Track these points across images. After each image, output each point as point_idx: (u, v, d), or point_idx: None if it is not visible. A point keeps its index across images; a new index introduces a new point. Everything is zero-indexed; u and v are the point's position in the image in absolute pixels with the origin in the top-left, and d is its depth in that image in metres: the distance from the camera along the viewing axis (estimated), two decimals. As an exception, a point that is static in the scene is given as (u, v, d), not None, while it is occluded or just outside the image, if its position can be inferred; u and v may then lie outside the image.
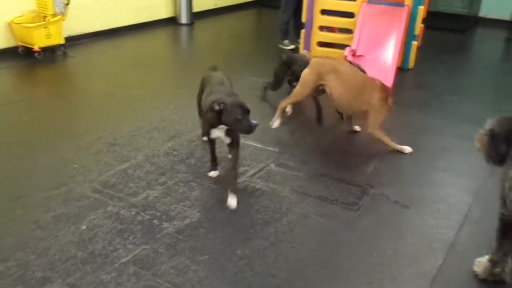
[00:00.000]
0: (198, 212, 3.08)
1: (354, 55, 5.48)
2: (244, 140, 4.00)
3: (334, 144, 4.17)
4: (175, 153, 3.79)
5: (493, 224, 2.49)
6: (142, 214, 3.02)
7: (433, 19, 7.38)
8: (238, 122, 2.96)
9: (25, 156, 3.67)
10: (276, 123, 4.13)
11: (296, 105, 4.50)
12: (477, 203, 3.30)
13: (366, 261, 2.73)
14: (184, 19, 7.83)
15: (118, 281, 2.48)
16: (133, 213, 3.03)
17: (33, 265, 2.56)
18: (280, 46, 6.76)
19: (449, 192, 3.43)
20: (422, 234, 2.98)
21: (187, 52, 7.33)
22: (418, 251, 2.82)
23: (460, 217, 3.14)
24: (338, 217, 3.11)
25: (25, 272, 2.50)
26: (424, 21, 6.26)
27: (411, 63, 6.01)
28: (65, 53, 6.04)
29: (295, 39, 6.68)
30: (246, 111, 2.98)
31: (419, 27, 5.88)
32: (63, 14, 5.83)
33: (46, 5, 5.76)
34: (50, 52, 5.95)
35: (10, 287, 2.41)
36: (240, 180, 3.43)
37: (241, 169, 3.55)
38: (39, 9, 5.87)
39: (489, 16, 8.42)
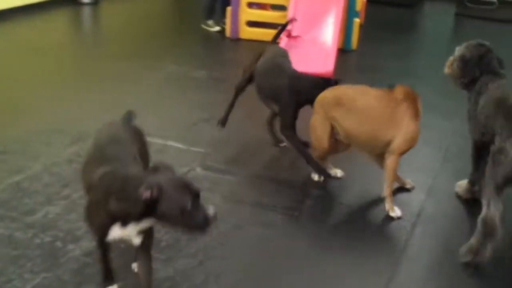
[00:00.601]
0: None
1: (289, 36, 5.60)
2: (163, 141, 4.00)
3: (269, 141, 4.22)
4: (79, 159, 3.66)
5: (447, 221, 2.67)
6: (41, 235, 2.94)
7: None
8: (186, 215, 2.08)
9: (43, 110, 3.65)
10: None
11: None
12: (430, 199, 3.48)
13: (312, 274, 2.80)
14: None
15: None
16: (29, 235, 2.94)
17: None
18: (204, 27, 6.84)
19: (400, 189, 3.58)
20: (373, 240, 3.10)
21: (90, 38, 7.22)
22: (370, 259, 2.92)
23: (413, 216, 3.29)
24: (276, 225, 3.16)
25: None
26: (367, -5, 6.53)
27: (354, 43, 6.23)
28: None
29: (221, 19, 6.77)
30: (196, 196, 2.11)
31: (361, 1, 6.09)
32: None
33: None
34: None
35: None
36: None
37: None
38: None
39: (436, -10, 8.85)
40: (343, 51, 6.06)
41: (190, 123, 4.19)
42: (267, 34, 6.16)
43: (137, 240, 2.27)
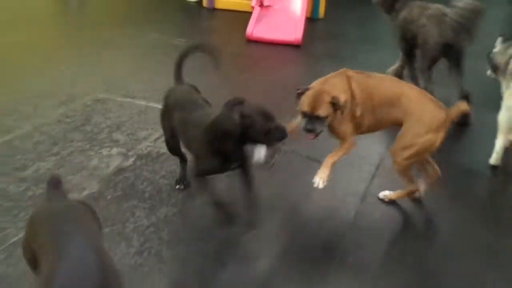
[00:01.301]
0: (97, 182, 3.02)
1: (261, 5, 5.55)
2: (145, 102, 3.99)
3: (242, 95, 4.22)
4: (68, 120, 3.68)
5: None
6: (33, 188, 2.93)
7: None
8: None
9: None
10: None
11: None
12: (386, 160, 3.39)
13: (280, 211, 2.89)
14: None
15: (8, 262, 2.41)
16: (22, 188, 2.93)
17: None
18: None
19: (361, 143, 3.56)
20: (334, 188, 3.08)
21: (75, 7, 6.96)
22: (331, 205, 2.97)
23: (372, 168, 3.32)
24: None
25: None
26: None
27: (321, 12, 6.17)
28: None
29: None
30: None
31: (327, -27, 6.04)
32: None
33: None
34: None
35: None
36: (143, 145, 3.40)
37: (143, 133, 3.53)
38: None
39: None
40: (311, 20, 6.02)
41: (170, 86, 4.15)
42: (239, 4, 6.14)
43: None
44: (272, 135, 2.41)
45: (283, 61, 5.03)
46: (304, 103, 2.62)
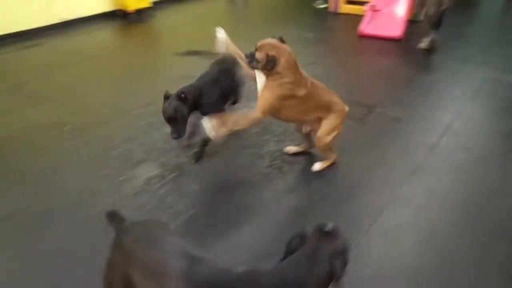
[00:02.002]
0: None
1: (373, 10, 5.47)
2: None
3: (351, 74, 4.29)
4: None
5: (471, 137, 2.81)
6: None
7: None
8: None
9: (125, 84, 4.07)
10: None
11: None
12: (457, 120, 3.36)
13: (364, 158, 2.94)
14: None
15: (191, 163, 2.86)
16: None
17: (135, 152, 2.99)
18: (313, 5, 6.73)
19: (436, 112, 3.50)
20: (411, 139, 3.13)
21: (238, 3, 7.21)
22: (405, 152, 2.98)
23: (442, 129, 3.25)
24: (350, 126, 3.22)
25: (130, 156, 2.95)
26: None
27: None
28: (151, 15, 6.34)
29: (326, -1, 6.65)
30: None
31: (429, -15, 5.71)
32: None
33: (137, -25, 6.05)
34: (140, 14, 6.25)
35: (122, 165, 2.86)
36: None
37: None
38: (132, -21, 6.16)
39: (495, -23, 7.93)
40: (412, 22, 5.77)
41: (301, 65, 4.36)
42: (356, 9, 6.07)
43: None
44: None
45: (386, 51, 4.92)
46: (259, 44, 2.41)
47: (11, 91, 3.95)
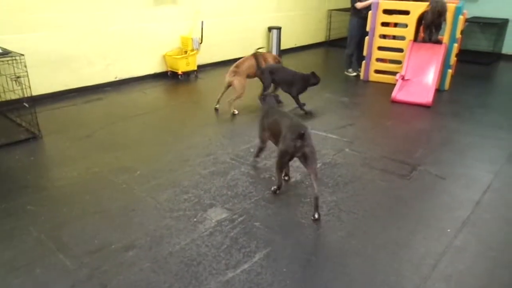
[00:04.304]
0: (299, 174, 3.61)
1: (403, 78, 5.87)
2: (325, 133, 4.51)
3: (389, 135, 4.56)
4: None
5: (510, 195, 3.05)
6: (264, 173, 3.61)
7: (464, 55, 7.58)
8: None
9: (184, 136, 4.38)
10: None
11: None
12: (497, 179, 3.59)
13: (415, 209, 3.14)
14: (274, 53, 8.47)
15: (255, 208, 3.08)
16: (258, 172, 3.62)
17: (203, 197, 3.23)
18: (346, 73, 7.18)
19: (476, 171, 3.72)
20: (455, 195, 3.33)
21: None
22: (452, 205, 3.18)
23: (484, 186, 3.45)
24: (395, 182, 3.51)
25: (199, 200, 3.18)
26: (457, 56, 6.50)
27: (447, 85, 6.23)
28: (197, 76, 6.85)
29: (357, 68, 7.09)
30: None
31: (453, 59, 6.14)
32: (197, 49, 6.67)
33: (187, 44, 6.63)
34: (187, 75, 6.78)
35: (192, 207, 3.09)
36: (326, 158, 3.94)
37: (323, 151, 4.07)
38: (182, 46, 6.75)
39: (510, 53, 8.45)
40: (439, 91, 6.13)
41: (341, 125, 4.63)
42: (386, 78, 6.48)
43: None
44: None
45: (416, 116, 5.21)
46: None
47: (83, 139, 4.29)
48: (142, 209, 3.05)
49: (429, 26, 6.02)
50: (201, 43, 6.69)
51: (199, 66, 6.93)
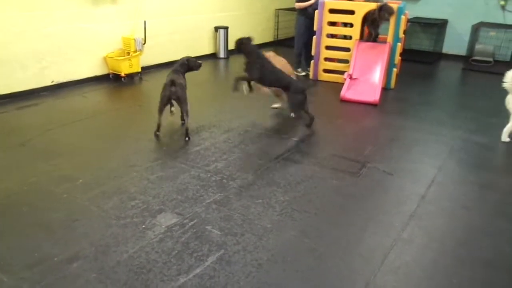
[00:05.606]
0: (251, 175, 3.70)
1: (351, 77, 6.13)
2: (280, 134, 4.58)
3: (338, 134, 4.76)
4: (230, 143, 4.40)
5: (453, 187, 3.27)
6: (214, 176, 3.65)
7: (408, 54, 8.05)
8: None
9: (128, 143, 4.31)
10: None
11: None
12: (440, 173, 3.86)
13: (365, 206, 3.31)
14: (222, 54, 8.53)
15: (207, 212, 3.11)
16: (208, 175, 3.66)
17: (151, 203, 3.21)
18: (295, 73, 7.33)
19: (421, 166, 3.99)
20: (402, 190, 3.56)
21: (225, 78, 7.81)
22: (400, 200, 3.39)
23: (428, 181, 3.71)
24: (346, 180, 3.68)
25: (148, 206, 3.16)
26: (401, 55, 6.86)
27: (393, 84, 6.60)
28: (141, 78, 6.75)
29: (306, 67, 7.30)
30: None
31: (397, 58, 6.49)
32: (141, 50, 6.58)
33: (129, 45, 6.51)
34: (131, 77, 6.66)
35: (140, 214, 3.06)
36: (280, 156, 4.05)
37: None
38: (124, 47, 6.62)
39: (450, 52, 9.07)
40: (385, 89, 6.44)
41: (291, 125, 4.75)
42: (334, 77, 6.73)
43: None
44: None
45: (365, 114, 5.47)
46: None
47: (16, 148, 4.10)
48: (86, 219, 2.98)
49: (373, 23, 6.44)
50: (144, 43, 6.61)
51: (143, 68, 6.83)
